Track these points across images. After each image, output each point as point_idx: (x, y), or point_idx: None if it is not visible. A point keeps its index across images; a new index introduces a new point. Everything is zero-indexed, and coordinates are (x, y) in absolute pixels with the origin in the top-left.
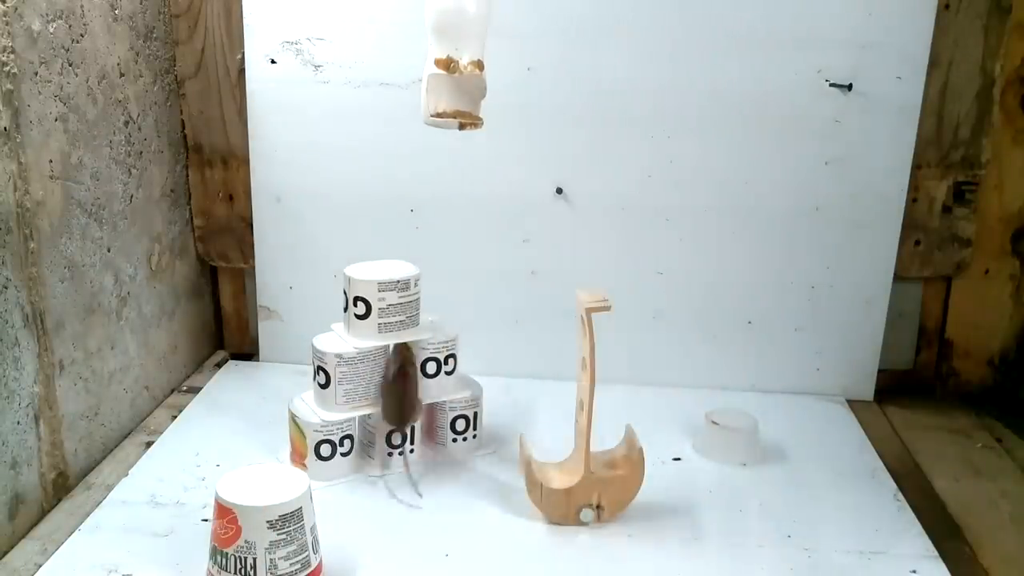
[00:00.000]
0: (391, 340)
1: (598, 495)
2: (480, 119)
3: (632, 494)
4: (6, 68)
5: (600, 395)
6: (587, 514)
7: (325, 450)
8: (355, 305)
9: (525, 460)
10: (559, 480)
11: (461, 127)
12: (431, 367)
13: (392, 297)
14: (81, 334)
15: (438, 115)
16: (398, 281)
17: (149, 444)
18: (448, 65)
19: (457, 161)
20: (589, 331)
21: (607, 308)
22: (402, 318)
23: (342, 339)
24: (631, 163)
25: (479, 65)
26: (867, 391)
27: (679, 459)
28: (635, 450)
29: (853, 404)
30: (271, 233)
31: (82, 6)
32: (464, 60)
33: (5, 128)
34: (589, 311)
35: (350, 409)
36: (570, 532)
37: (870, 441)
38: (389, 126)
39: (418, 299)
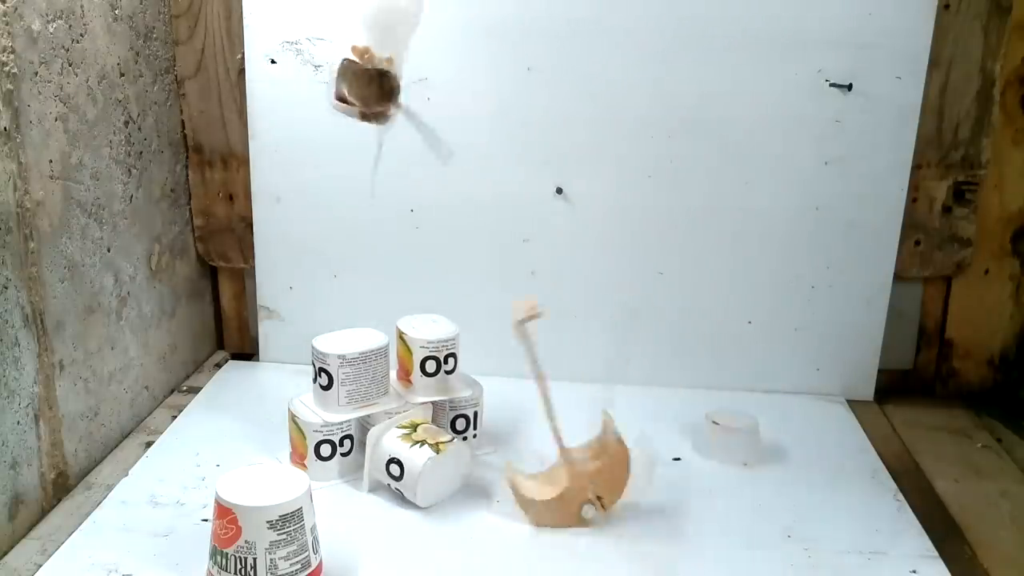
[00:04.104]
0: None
1: (591, 489)
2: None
3: (624, 476)
4: (6, 68)
5: (600, 395)
6: (588, 510)
7: (325, 450)
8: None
9: (511, 484)
10: (549, 490)
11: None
12: (431, 366)
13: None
14: (81, 334)
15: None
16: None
17: (149, 444)
18: (362, 55)
19: (457, 161)
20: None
21: (540, 316)
22: None
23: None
24: (631, 163)
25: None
26: (867, 391)
27: (679, 459)
28: (609, 433)
29: (853, 404)
30: (271, 233)
31: (82, 6)
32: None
33: (5, 128)
34: (521, 322)
35: (352, 410)
36: (569, 533)
37: (870, 441)
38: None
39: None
